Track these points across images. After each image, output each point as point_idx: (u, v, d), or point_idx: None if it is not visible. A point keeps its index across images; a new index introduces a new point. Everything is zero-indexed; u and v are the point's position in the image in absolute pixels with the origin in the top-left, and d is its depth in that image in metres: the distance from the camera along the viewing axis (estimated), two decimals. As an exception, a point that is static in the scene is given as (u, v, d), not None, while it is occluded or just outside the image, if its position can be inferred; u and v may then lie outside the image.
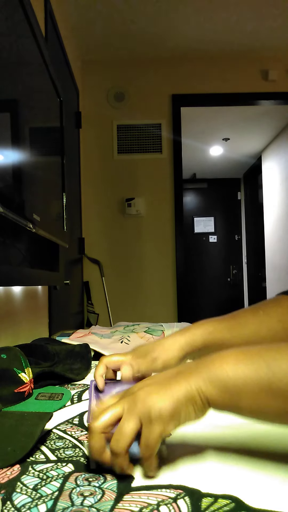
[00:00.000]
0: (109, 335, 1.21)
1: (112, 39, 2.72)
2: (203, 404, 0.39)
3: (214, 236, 5.49)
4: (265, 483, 0.38)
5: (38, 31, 1.13)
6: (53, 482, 0.40)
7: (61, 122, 1.56)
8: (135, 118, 2.96)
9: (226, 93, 3.00)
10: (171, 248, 2.97)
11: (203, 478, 0.39)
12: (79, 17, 2.46)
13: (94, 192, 2.94)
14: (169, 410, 0.38)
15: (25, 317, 1.38)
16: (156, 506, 0.35)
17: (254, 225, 5.14)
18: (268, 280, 4.53)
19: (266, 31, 2.67)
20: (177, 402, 0.39)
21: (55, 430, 0.54)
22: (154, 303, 2.94)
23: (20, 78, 1.02)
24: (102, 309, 2.85)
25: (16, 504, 0.36)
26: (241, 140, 4.35)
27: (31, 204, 1.00)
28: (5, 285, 1.08)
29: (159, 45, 2.81)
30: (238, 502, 0.35)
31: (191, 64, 2.99)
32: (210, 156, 4.78)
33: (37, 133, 1.24)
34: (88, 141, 2.92)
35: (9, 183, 0.88)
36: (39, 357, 0.84)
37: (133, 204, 2.91)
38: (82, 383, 0.80)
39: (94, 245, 2.92)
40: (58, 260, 1.51)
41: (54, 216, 1.42)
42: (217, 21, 2.55)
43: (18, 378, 0.65)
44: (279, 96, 3.01)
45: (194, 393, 0.39)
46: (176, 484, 0.38)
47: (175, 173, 2.97)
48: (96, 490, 0.38)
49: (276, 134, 4.18)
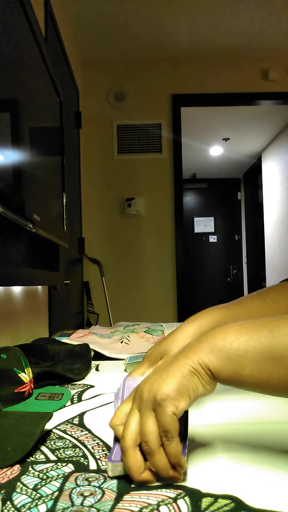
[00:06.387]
0: (109, 335, 1.21)
1: (112, 39, 2.72)
2: (208, 376, 0.38)
3: (214, 236, 5.49)
4: (265, 483, 0.38)
5: (38, 31, 1.13)
6: (53, 482, 0.40)
7: (61, 122, 1.56)
8: (135, 118, 2.96)
9: (226, 93, 3.00)
10: (171, 248, 2.97)
11: (203, 478, 0.39)
12: (79, 17, 2.46)
13: (94, 192, 2.94)
14: (174, 388, 0.38)
15: (25, 317, 1.38)
16: (156, 506, 0.35)
17: (254, 225, 5.14)
18: (268, 280, 4.53)
19: (266, 31, 2.67)
20: (181, 378, 0.38)
21: (55, 430, 0.54)
22: (154, 303, 2.94)
23: (20, 78, 1.02)
24: (102, 309, 2.85)
25: (16, 504, 0.36)
26: (241, 140, 4.35)
27: (31, 204, 1.00)
28: (5, 285, 1.08)
29: (159, 45, 2.81)
30: (238, 502, 0.35)
31: (191, 64, 2.99)
32: (210, 156, 4.78)
33: (37, 133, 1.24)
34: (88, 141, 2.92)
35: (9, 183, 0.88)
36: (39, 357, 0.84)
37: (133, 204, 2.91)
38: (82, 383, 0.80)
39: (94, 245, 2.92)
40: (58, 260, 1.51)
41: (54, 216, 1.42)
42: (217, 21, 2.55)
43: (18, 378, 0.65)
44: (279, 96, 3.01)
45: (197, 367, 0.38)
46: (176, 484, 0.38)
47: (175, 173, 2.97)
48: (96, 490, 0.38)
49: (276, 134, 4.18)
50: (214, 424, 0.55)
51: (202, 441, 0.48)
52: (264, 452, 0.45)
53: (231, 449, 0.46)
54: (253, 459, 0.43)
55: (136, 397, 0.41)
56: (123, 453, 0.39)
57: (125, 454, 0.38)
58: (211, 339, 0.39)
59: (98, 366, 0.96)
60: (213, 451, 0.45)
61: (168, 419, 0.37)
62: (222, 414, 0.59)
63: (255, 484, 0.38)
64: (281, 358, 0.36)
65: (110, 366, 0.95)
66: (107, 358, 1.03)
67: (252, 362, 0.37)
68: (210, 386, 0.39)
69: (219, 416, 0.58)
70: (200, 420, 0.56)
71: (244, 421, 0.56)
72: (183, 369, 0.38)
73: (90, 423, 0.57)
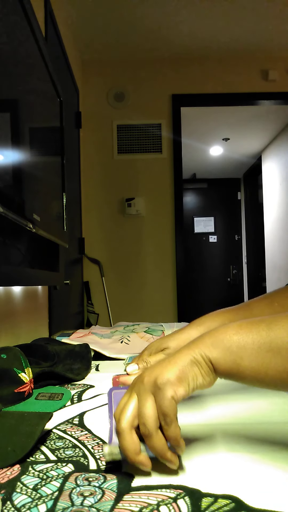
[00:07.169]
0: (109, 335, 1.21)
1: (112, 39, 2.72)
2: (208, 367, 0.40)
3: (214, 236, 5.49)
4: (265, 483, 0.38)
5: (38, 31, 1.13)
6: (53, 482, 0.40)
7: (61, 122, 1.56)
8: (135, 118, 2.97)
9: (226, 93, 3.00)
10: (171, 248, 2.97)
11: (203, 478, 0.39)
12: (79, 17, 2.46)
13: (94, 192, 2.94)
14: (175, 374, 0.39)
15: (25, 317, 1.38)
16: (156, 506, 0.35)
17: (254, 225, 5.14)
18: (268, 280, 4.53)
19: (266, 31, 2.67)
20: (182, 366, 0.40)
21: (55, 430, 0.54)
22: (154, 303, 2.94)
23: (20, 78, 1.02)
24: (102, 309, 2.85)
25: (16, 504, 0.36)
26: (241, 140, 4.35)
27: (31, 204, 1.00)
28: (5, 285, 1.08)
29: (159, 45, 2.81)
30: (238, 502, 0.35)
31: (191, 64, 2.99)
32: (210, 156, 4.78)
33: (37, 133, 1.24)
34: (88, 141, 2.92)
35: (9, 183, 0.88)
36: (39, 357, 0.84)
37: (133, 204, 2.91)
38: (82, 383, 0.80)
39: (94, 245, 2.92)
40: (58, 260, 1.51)
41: (54, 216, 1.42)
42: (217, 21, 2.55)
43: (18, 378, 0.65)
44: (279, 96, 3.01)
45: (198, 358, 0.40)
46: (176, 484, 0.38)
47: (175, 173, 2.97)
48: (96, 490, 0.38)
49: (276, 134, 4.18)
50: (214, 424, 0.55)
51: (202, 441, 0.48)
52: (264, 452, 0.45)
53: (231, 449, 0.46)
54: (253, 459, 0.43)
55: (136, 382, 0.42)
56: (119, 434, 0.39)
57: (121, 435, 0.39)
58: (213, 334, 0.41)
59: (98, 366, 0.96)
60: (213, 451, 0.45)
61: (167, 402, 0.38)
62: (223, 414, 0.59)
63: (255, 484, 0.38)
64: (278, 350, 0.38)
65: (110, 366, 0.95)
66: (107, 358, 1.04)
67: (251, 354, 0.39)
68: (209, 377, 0.40)
69: (219, 416, 0.58)
70: (201, 420, 0.56)
71: (244, 421, 0.56)
72: (184, 358, 0.40)
73: (90, 423, 0.57)
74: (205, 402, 0.64)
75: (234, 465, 0.42)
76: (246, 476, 0.39)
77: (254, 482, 0.38)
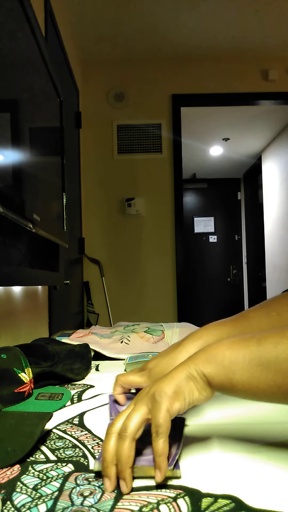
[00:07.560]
0: (109, 335, 1.21)
1: (112, 39, 2.72)
2: (204, 382, 0.42)
3: (214, 236, 5.49)
4: (265, 483, 0.38)
5: (38, 31, 1.13)
6: (53, 482, 0.40)
7: (61, 122, 1.56)
8: (135, 118, 2.97)
9: (226, 93, 3.00)
10: (171, 248, 2.97)
11: (203, 478, 0.39)
12: (79, 17, 2.46)
13: (94, 192, 2.94)
14: (172, 388, 0.41)
15: (25, 317, 1.38)
16: (156, 505, 0.35)
17: (254, 225, 5.14)
18: (268, 280, 4.53)
19: (266, 31, 2.67)
20: (178, 381, 0.42)
21: (55, 430, 0.54)
22: (154, 303, 2.94)
23: (20, 78, 1.02)
24: (102, 309, 2.85)
25: (16, 504, 0.36)
26: (241, 140, 4.35)
27: (31, 204, 1.00)
28: (5, 285, 1.08)
29: (159, 45, 2.81)
30: (238, 502, 0.35)
31: (191, 64, 2.99)
32: (210, 156, 4.78)
33: (37, 133, 1.24)
34: (88, 141, 2.92)
35: (9, 183, 0.88)
36: (39, 357, 0.84)
37: (133, 204, 2.91)
38: (82, 383, 0.80)
39: (94, 245, 2.92)
40: (58, 260, 1.51)
41: (54, 216, 1.42)
42: (217, 21, 2.55)
43: (18, 378, 0.65)
44: (279, 96, 3.01)
45: (193, 373, 0.42)
46: (176, 484, 0.38)
47: (175, 173, 2.97)
48: (96, 490, 0.38)
49: (276, 134, 4.18)
50: (214, 424, 0.55)
51: (202, 441, 0.48)
52: (264, 452, 0.45)
53: (231, 449, 0.46)
54: (253, 459, 0.43)
55: (138, 395, 0.43)
56: (105, 436, 0.40)
57: (106, 438, 0.40)
58: (207, 350, 0.44)
59: (98, 366, 0.96)
60: (213, 451, 0.45)
61: (161, 414, 0.39)
62: (222, 414, 0.59)
63: (255, 484, 0.38)
64: (268, 364, 0.39)
65: (110, 366, 0.95)
66: (107, 358, 1.04)
67: (242, 368, 0.40)
68: (206, 391, 0.42)
69: (219, 416, 0.58)
70: (200, 420, 0.56)
71: (244, 421, 0.56)
72: (181, 374, 0.42)
73: (90, 423, 0.57)
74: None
75: (234, 465, 0.42)
76: (246, 476, 0.39)
77: (254, 482, 0.38)
